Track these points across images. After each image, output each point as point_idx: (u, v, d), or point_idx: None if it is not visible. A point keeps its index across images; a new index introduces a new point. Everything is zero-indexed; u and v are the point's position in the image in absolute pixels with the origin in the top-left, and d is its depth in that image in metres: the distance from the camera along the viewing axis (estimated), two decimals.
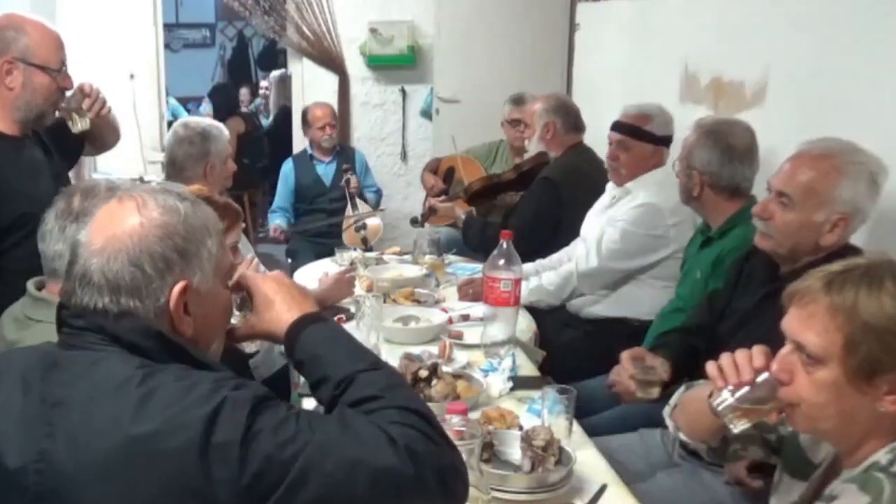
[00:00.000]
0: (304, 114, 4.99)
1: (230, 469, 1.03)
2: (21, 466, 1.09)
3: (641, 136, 2.96)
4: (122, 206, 1.19)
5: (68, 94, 2.48)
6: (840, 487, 1.25)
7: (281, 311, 1.33)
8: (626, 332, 2.90)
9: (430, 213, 4.09)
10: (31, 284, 1.77)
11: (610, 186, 3.12)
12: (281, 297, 1.35)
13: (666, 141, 3.00)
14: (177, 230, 1.18)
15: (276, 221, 4.82)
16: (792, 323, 1.33)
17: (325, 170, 4.91)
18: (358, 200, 4.63)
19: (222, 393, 1.08)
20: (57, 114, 2.50)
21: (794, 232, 1.96)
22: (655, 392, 2.00)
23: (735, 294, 2.24)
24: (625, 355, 2.08)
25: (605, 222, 3.01)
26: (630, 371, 2.05)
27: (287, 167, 4.97)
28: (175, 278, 1.17)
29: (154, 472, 1.04)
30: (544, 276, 3.08)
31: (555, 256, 3.28)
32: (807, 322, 1.30)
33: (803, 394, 1.30)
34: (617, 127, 3.03)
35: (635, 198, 2.94)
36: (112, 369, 1.11)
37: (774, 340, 1.39)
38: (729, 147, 2.45)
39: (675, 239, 2.86)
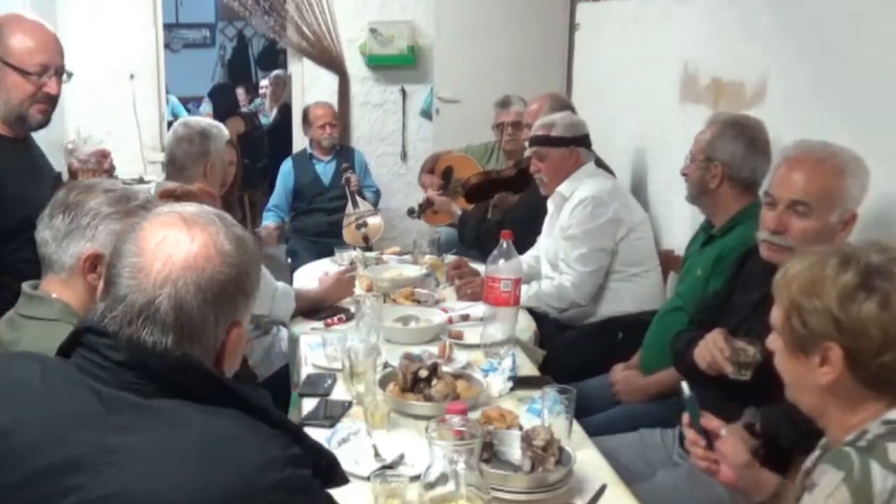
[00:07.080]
0: (305, 113, 5.01)
1: None
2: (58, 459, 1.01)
3: (549, 142, 3.16)
4: (189, 233, 1.09)
5: (85, 153, 2.50)
6: (818, 471, 1.29)
7: None
8: (621, 326, 3.00)
9: (427, 205, 4.07)
10: (26, 285, 1.76)
11: (549, 202, 3.23)
12: None
13: (577, 141, 3.16)
14: (245, 269, 1.11)
15: (268, 222, 4.83)
16: None
17: (325, 169, 4.91)
18: (358, 199, 4.63)
19: (286, 471, 1.04)
20: (67, 171, 2.50)
21: (813, 238, 1.91)
22: (749, 374, 1.91)
23: (733, 293, 2.24)
24: (716, 332, 2.02)
25: (558, 235, 3.10)
26: (725, 349, 1.96)
27: (286, 166, 4.97)
28: (234, 318, 1.11)
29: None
30: (543, 284, 3.08)
31: (526, 259, 3.23)
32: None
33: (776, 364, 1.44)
34: (530, 142, 3.26)
35: (573, 199, 3.08)
36: (174, 413, 1.03)
37: None
38: (753, 139, 2.46)
39: (626, 218, 3.05)
